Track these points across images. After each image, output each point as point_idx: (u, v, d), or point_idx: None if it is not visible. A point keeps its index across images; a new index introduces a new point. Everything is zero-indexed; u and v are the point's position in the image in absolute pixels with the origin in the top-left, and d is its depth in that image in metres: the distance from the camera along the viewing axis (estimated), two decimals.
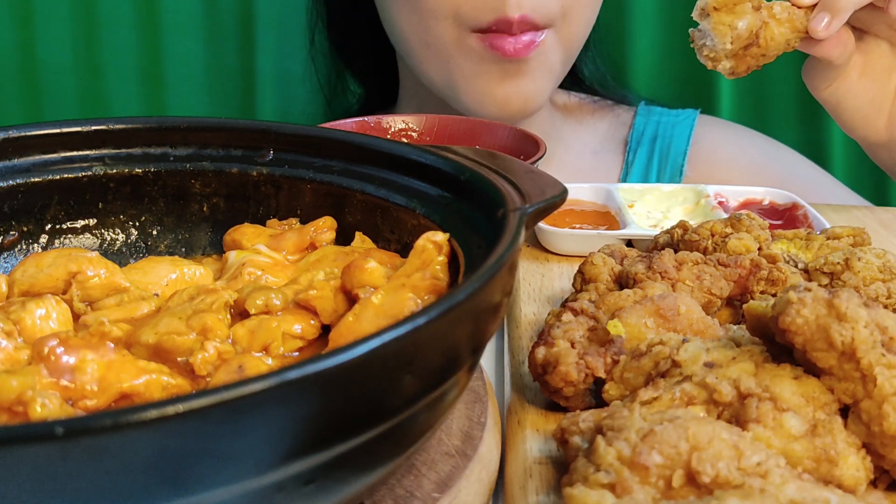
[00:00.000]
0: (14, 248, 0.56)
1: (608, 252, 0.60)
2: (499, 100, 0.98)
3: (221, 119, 0.60)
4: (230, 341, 0.46)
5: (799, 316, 0.41)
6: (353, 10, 1.17)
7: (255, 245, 0.56)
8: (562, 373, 0.47)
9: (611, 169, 1.17)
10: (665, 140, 1.16)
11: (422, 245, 0.48)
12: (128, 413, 0.28)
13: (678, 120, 1.17)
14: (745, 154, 1.13)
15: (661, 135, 1.16)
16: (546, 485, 0.44)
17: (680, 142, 1.15)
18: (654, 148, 1.16)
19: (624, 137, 1.18)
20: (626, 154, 1.16)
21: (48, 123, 0.57)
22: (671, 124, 1.16)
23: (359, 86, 1.28)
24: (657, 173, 1.15)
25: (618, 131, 1.19)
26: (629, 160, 1.16)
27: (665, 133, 1.16)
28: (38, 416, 0.37)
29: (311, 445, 0.32)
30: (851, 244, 0.63)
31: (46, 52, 1.41)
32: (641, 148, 1.16)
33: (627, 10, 1.34)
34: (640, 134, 1.17)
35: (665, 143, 1.15)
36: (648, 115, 1.19)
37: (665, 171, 1.15)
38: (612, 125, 1.19)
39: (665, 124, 1.17)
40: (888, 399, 0.39)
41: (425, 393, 0.36)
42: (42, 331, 0.45)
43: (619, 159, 1.17)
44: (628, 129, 1.18)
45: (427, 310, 0.34)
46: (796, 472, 0.37)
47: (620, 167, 1.16)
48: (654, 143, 1.16)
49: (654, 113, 1.19)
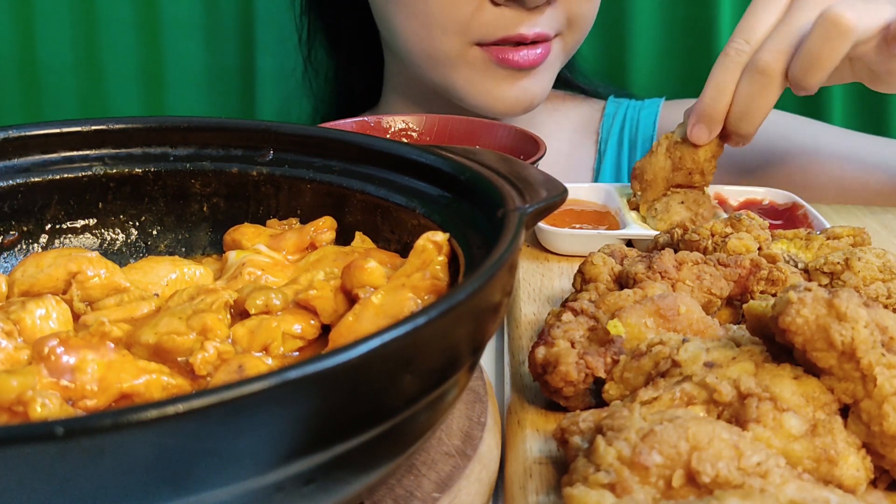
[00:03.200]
0: (14, 248, 0.56)
1: (608, 252, 0.60)
2: (508, 102, 1.00)
3: (221, 119, 0.60)
4: (230, 341, 0.46)
5: (799, 316, 0.41)
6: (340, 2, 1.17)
7: (255, 245, 0.56)
8: (562, 373, 0.47)
9: (585, 156, 1.19)
10: (633, 127, 1.18)
11: (422, 245, 0.48)
12: (128, 413, 0.28)
13: (643, 106, 1.20)
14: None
15: (628, 122, 1.19)
16: (546, 485, 0.44)
17: (646, 127, 1.18)
18: (624, 135, 1.18)
19: (596, 127, 1.21)
20: (598, 143, 1.20)
21: (48, 123, 0.57)
22: (637, 111, 1.19)
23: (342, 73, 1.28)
24: (628, 159, 1.17)
25: (590, 121, 1.22)
26: (601, 149, 1.19)
27: (632, 120, 1.19)
28: (38, 416, 0.37)
29: (311, 445, 0.32)
30: (851, 244, 0.63)
31: (46, 52, 1.41)
32: (612, 138, 1.19)
33: (627, 10, 1.34)
34: (609, 123, 1.19)
35: (633, 130, 1.18)
36: (617, 105, 1.21)
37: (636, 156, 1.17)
38: (583, 115, 1.22)
39: (632, 112, 1.19)
40: (888, 399, 0.39)
41: (425, 393, 0.36)
42: (42, 331, 0.45)
43: (593, 148, 1.20)
44: (599, 118, 1.21)
45: (427, 310, 0.34)
46: (796, 472, 0.37)
47: (594, 154, 1.19)
48: (623, 131, 1.19)
49: (622, 104, 1.21)
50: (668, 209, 0.75)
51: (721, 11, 1.31)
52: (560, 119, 1.21)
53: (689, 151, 0.76)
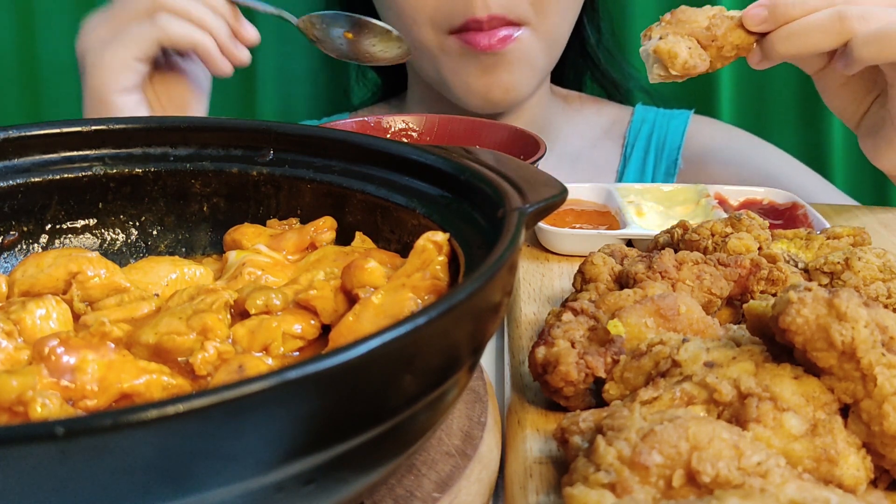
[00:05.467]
0: (14, 248, 0.56)
1: (608, 252, 0.60)
2: (480, 92, 1.02)
3: (221, 119, 0.60)
4: (230, 341, 0.46)
5: (799, 315, 0.41)
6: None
7: (255, 245, 0.56)
8: (562, 372, 0.47)
9: (609, 160, 1.20)
10: (661, 135, 1.20)
11: (422, 245, 0.48)
12: (128, 413, 0.28)
13: (673, 116, 1.22)
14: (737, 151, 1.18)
15: (657, 130, 1.21)
16: (546, 485, 0.44)
17: (675, 137, 1.20)
18: (651, 142, 1.20)
19: (622, 132, 1.22)
20: (623, 147, 1.21)
21: (48, 123, 0.57)
22: (667, 121, 1.21)
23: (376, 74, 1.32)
24: (653, 166, 1.19)
25: (616, 126, 1.23)
26: (627, 153, 1.20)
27: (661, 129, 1.21)
28: (38, 416, 0.37)
29: (311, 445, 0.32)
30: (851, 244, 0.63)
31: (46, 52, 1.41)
32: (638, 142, 1.20)
33: (628, 10, 1.35)
34: (637, 129, 1.21)
35: (661, 139, 1.20)
36: (645, 113, 1.23)
37: (661, 164, 1.19)
38: (610, 119, 1.24)
39: (661, 121, 1.21)
40: (888, 399, 0.39)
41: (425, 393, 0.36)
42: (42, 331, 0.45)
43: (618, 152, 1.21)
44: (627, 124, 1.23)
45: (427, 310, 0.34)
46: (796, 472, 0.37)
47: (619, 159, 1.21)
48: (651, 138, 1.20)
49: (650, 111, 1.23)
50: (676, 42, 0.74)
51: None
52: (582, 122, 1.22)
53: (730, 27, 0.76)
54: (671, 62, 0.73)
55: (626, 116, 1.24)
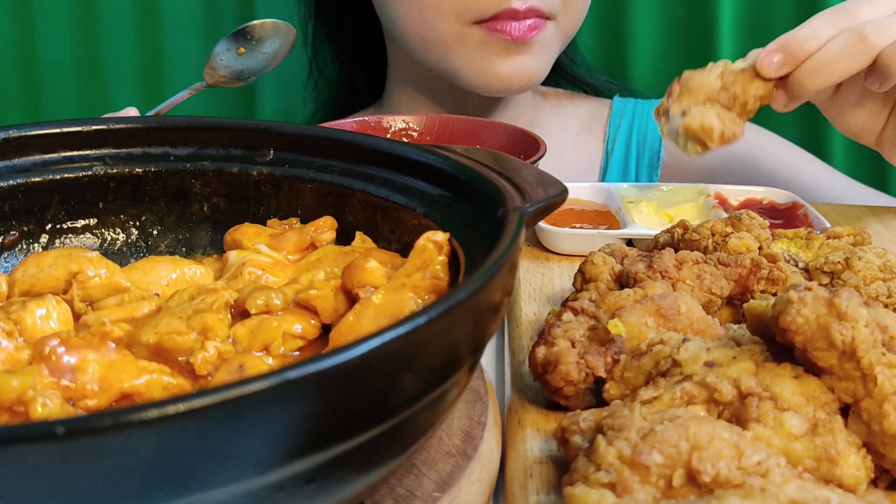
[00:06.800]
0: (14, 248, 0.56)
1: (608, 251, 0.60)
2: (503, 76, 1.02)
3: (221, 119, 0.60)
4: (230, 341, 0.46)
5: (799, 315, 0.41)
6: None
7: (255, 245, 0.56)
8: (562, 372, 0.47)
9: (592, 155, 1.20)
10: (641, 127, 1.20)
11: (422, 245, 0.48)
12: (128, 413, 0.28)
13: (651, 106, 1.21)
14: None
15: (637, 122, 1.20)
16: (546, 484, 0.44)
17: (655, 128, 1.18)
18: (632, 135, 1.19)
19: (602, 126, 1.22)
20: (605, 142, 1.20)
21: (48, 123, 0.57)
22: (645, 111, 1.20)
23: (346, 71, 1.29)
24: (636, 159, 1.18)
25: (595, 120, 1.23)
26: (609, 148, 1.20)
27: (641, 121, 1.20)
28: (38, 415, 0.37)
29: (312, 445, 0.32)
30: (852, 243, 0.63)
31: (46, 52, 1.41)
32: (619, 136, 1.20)
33: (627, 11, 1.35)
34: (617, 123, 1.21)
35: (641, 130, 1.19)
36: (624, 104, 1.22)
37: (644, 156, 1.18)
38: (589, 112, 1.23)
39: (640, 112, 1.21)
40: (888, 398, 0.39)
41: (426, 393, 0.36)
42: (43, 331, 0.45)
43: (600, 147, 1.21)
44: (606, 118, 1.22)
45: (427, 309, 0.34)
46: (797, 472, 0.37)
47: (601, 154, 1.20)
48: (631, 130, 1.20)
49: (629, 102, 1.23)
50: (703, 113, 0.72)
51: (721, 11, 1.31)
52: (565, 117, 1.22)
53: (745, 80, 0.72)
54: (708, 137, 0.70)
55: (604, 110, 1.23)
